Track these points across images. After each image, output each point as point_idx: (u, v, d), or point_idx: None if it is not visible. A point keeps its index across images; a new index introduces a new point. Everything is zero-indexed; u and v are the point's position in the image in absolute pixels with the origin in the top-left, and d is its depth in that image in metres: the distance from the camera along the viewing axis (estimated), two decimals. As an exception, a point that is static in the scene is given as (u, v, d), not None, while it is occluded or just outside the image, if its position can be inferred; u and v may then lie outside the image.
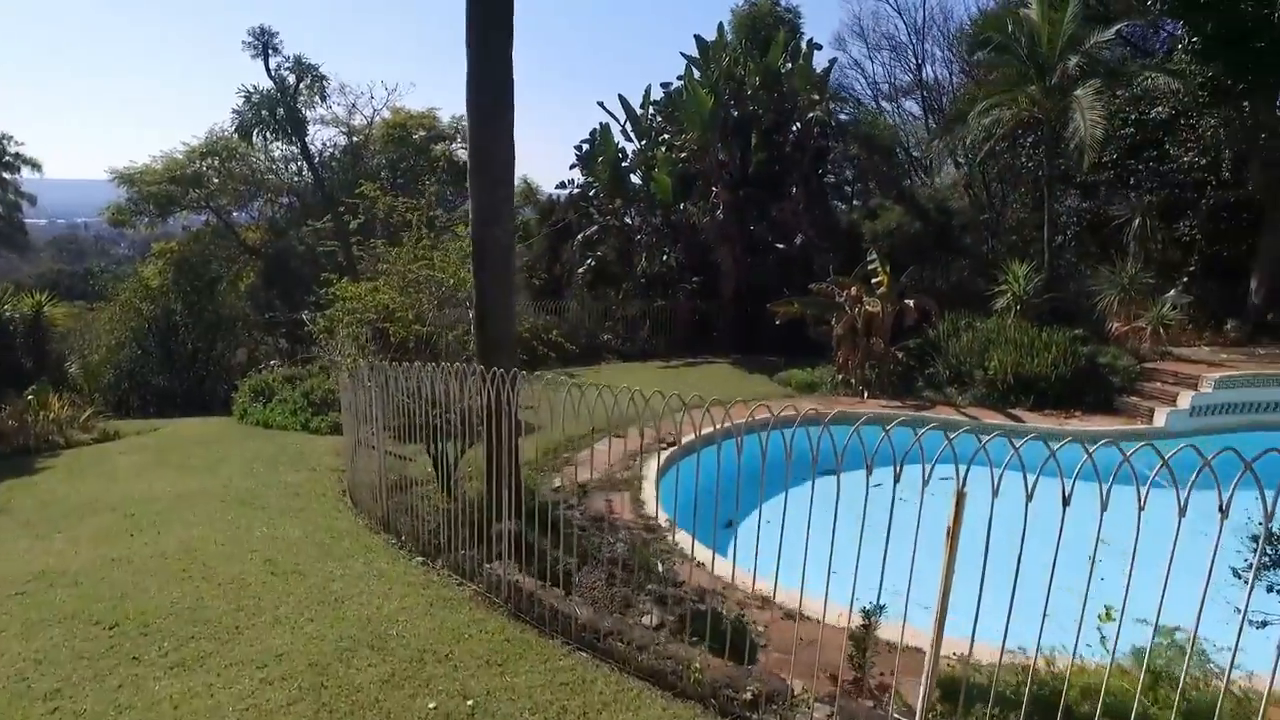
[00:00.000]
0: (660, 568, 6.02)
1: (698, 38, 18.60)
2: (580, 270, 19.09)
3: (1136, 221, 15.66)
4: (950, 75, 23.63)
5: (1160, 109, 16.92)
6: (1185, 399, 11.13)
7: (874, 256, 13.72)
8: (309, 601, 5.35)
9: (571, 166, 20.86)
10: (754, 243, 18.87)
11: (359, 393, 7.20)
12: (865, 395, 12.74)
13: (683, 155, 18.01)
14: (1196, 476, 3.07)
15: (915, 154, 21.65)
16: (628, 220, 19.91)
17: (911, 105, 24.20)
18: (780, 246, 18.58)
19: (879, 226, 16.50)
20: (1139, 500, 3.22)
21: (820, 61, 19.26)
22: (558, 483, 7.94)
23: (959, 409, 11.84)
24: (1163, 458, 3.08)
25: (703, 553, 6.28)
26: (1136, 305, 14.25)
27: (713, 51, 18.31)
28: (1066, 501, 3.26)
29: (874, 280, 13.50)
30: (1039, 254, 16.12)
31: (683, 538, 6.74)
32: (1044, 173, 16.44)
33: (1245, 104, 15.00)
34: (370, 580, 5.70)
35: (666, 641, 4.65)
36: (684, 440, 9.42)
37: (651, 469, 8.58)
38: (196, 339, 18.33)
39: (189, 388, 17.66)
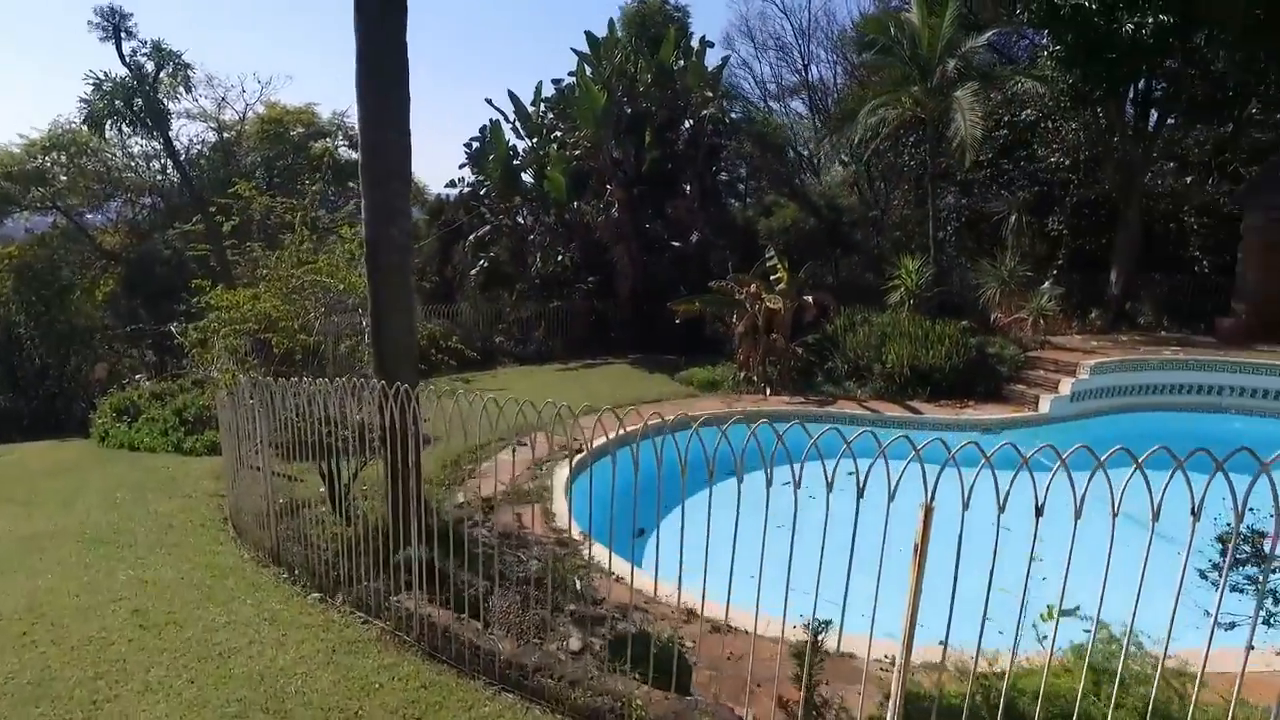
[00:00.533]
0: (578, 585, 5.72)
1: (588, 34, 18.33)
2: (473, 272, 18.47)
3: (1013, 217, 16.48)
4: (835, 76, 24.37)
5: (1029, 112, 17.91)
6: (1066, 385, 11.72)
7: (772, 253, 13.83)
8: (188, 659, 4.64)
9: (461, 165, 20.19)
10: (650, 241, 18.77)
11: (239, 410, 6.53)
12: (768, 392, 12.81)
13: (576, 153, 17.69)
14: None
15: (804, 152, 22.15)
16: (521, 220, 19.42)
17: (798, 105, 24.81)
18: (676, 244, 18.55)
19: (774, 223, 16.73)
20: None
21: (713, 59, 19.41)
22: (461, 498, 7.50)
23: (860, 403, 12.06)
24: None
25: (621, 565, 6.02)
26: (1017, 297, 14.98)
27: (604, 48, 18.07)
28: (1040, 511, 3.14)
29: (773, 277, 13.61)
30: (923, 249, 16.75)
31: (599, 551, 6.46)
32: (927, 170, 17.08)
33: (1099, 110, 16.04)
34: (261, 626, 5.03)
35: (602, 675, 4.32)
36: (592, 445, 9.13)
37: (560, 478, 8.25)
38: (45, 354, 16.62)
39: (37, 408, 16.00)
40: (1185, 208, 17.89)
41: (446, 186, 20.85)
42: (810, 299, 13.09)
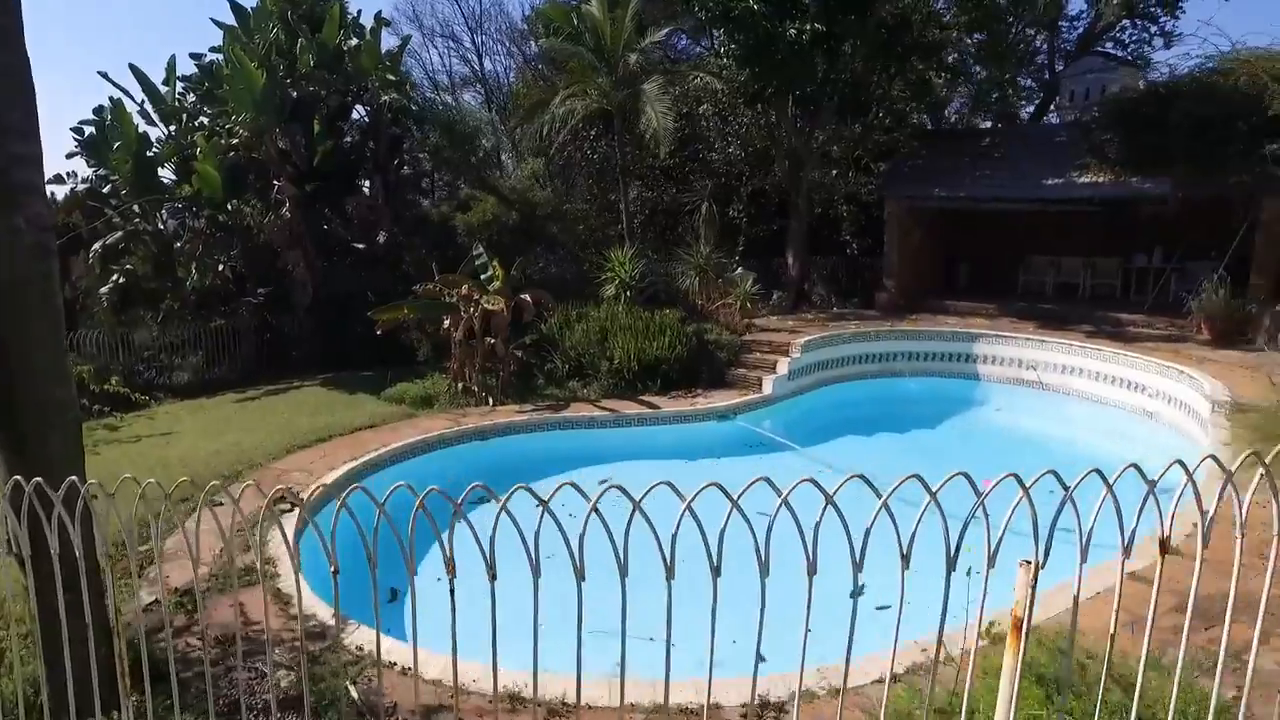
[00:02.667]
0: (355, 694, 4.25)
1: (234, 4, 15.50)
2: (103, 290, 14.70)
3: (704, 207, 17.10)
4: (508, 70, 23.72)
5: (706, 106, 18.78)
6: (783, 365, 12.23)
7: (481, 250, 12.71)
8: None
9: (70, 155, 16.08)
10: (330, 244, 16.55)
11: None
12: (492, 402, 11.69)
13: (233, 142, 14.87)
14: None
15: (487, 145, 21.14)
16: (163, 224, 15.97)
17: (470, 98, 23.72)
18: (360, 247, 16.57)
19: (474, 219, 15.56)
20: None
21: (392, 41, 17.55)
22: (150, 597, 5.46)
23: (594, 403, 11.47)
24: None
25: (399, 649, 4.65)
26: (722, 285, 15.52)
27: (254, 21, 15.42)
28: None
29: (484, 276, 12.50)
30: (619, 240, 16.78)
31: (363, 635, 4.99)
32: (618, 162, 17.09)
33: (769, 107, 17.26)
34: None
35: None
36: (311, 491, 7.39)
37: (282, 541, 6.44)
38: None
39: None
40: (835, 198, 20.08)
41: (51, 182, 16.46)
42: (528, 297, 12.20)
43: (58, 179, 16.39)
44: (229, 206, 15.31)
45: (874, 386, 13.34)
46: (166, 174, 15.91)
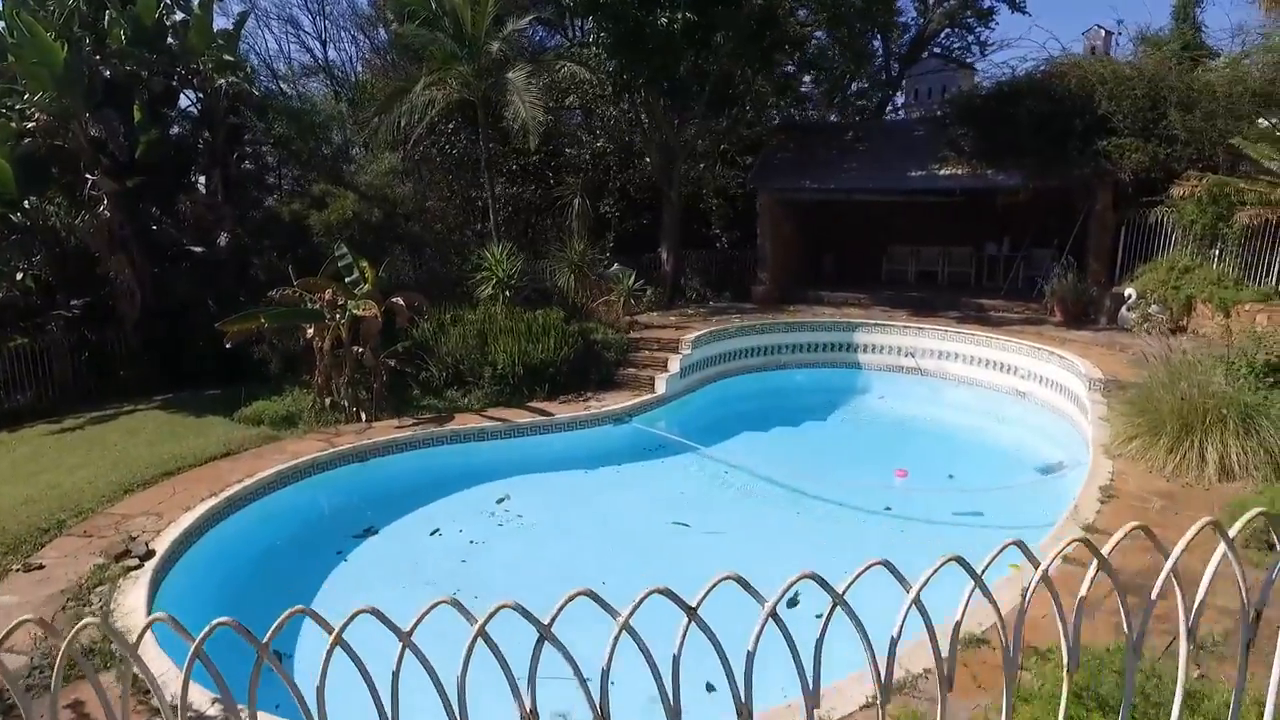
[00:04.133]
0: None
1: (19, -37, 13.25)
2: None
3: (576, 202, 16.52)
4: (355, 58, 22.06)
5: (574, 98, 18.17)
6: (674, 363, 11.88)
7: (344, 250, 11.51)
8: None
9: None
10: (161, 247, 14.63)
11: None
12: (365, 418, 10.60)
13: (27, 127, 12.73)
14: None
15: (337, 139, 19.52)
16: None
17: (316, 87, 21.86)
18: (198, 250, 14.75)
19: (332, 217, 14.18)
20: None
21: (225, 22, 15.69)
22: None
23: (480, 413, 10.63)
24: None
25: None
26: (598, 282, 15.00)
27: (50, -14, 13.25)
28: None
29: (350, 279, 11.34)
30: (479, 239, 15.94)
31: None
32: (484, 156, 16.19)
33: (639, 97, 16.87)
34: None
35: None
36: (164, 540, 6.27)
37: (137, 604, 5.32)
38: None
39: None
40: (704, 191, 20.05)
41: None
42: (400, 301, 11.17)
43: None
44: (25, 204, 13.15)
45: (763, 379, 13.29)
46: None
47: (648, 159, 18.04)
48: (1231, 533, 1.78)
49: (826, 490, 8.77)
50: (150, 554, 6.02)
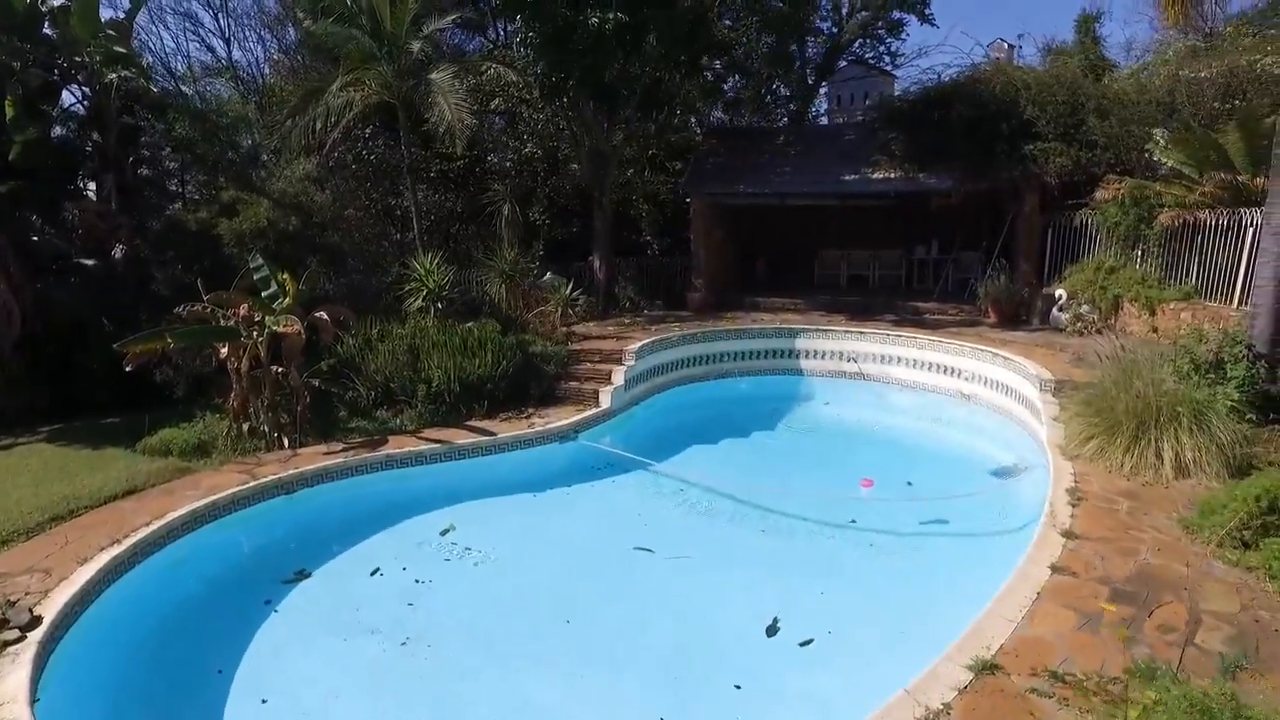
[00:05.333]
0: None
1: None
2: None
3: (506, 208, 15.87)
4: (264, 58, 20.76)
5: (500, 101, 17.51)
6: (618, 375, 11.40)
7: (261, 262, 10.57)
8: None
9: None
10: (43, 260, 13.27)
11: None
12: (289, 445, 9.72)
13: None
14: None
15: (246, 142, 18.28)
16: None
17: (221, 88, 20.45)
18: (89, 263, 13.45)
19: (244, 226, 13.11)
20: None
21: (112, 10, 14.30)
22: None
23: (416, 435, 9.90)
24: None
25: None
26: (531, 292, 14.42)
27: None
28: None
29: (267, 292, 10.43)
30: (399, 249, 15.14)
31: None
32: (406, 161, 15.39)
33: (568, 100, 16.36)
34: None
35: None
36: (53, 603, 5.43)
37: (16, 690, 4.49)
38: None
39: None
40: (634, 197, 19.69)
41: None
42: (324, 315, 10.33)
43: None
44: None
45: (708, 389, 12.96)
46: None
47: (576, 165, 17.55)
48: None
49: (788, 505, 8.45)
50: (35, 622, 5.16)
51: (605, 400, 11.00)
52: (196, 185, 15.90)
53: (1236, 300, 10.56)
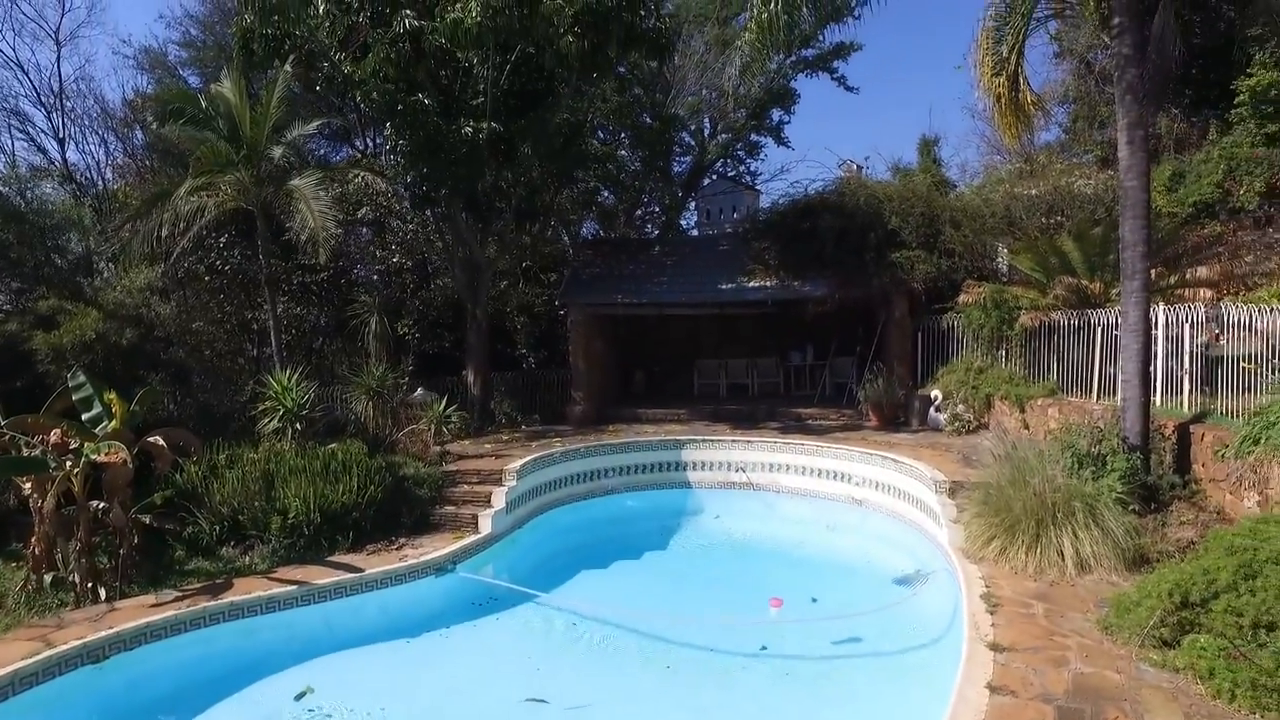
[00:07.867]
0: None
1: None
2: None
3: (373, 321, 14.95)
4: (105, 162, 19.28)
5: (365, 210, 16.83)
6: (499, 497, 10.49)
7: (82, 379, 9.18)
8: None
9: None
10: None
11: None
12: (105, 596, 8.17)
13: None
14: None
15: (78, 248, 16.53)
16: None
17: (52, 189, 18.67)
18: None
19: (65, 339, 11.51)
20: None
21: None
22: None
23: (269, 575, 8.57)
24: None
25: None
26: (401, 409, 13.44)
27: None
28: None
29: (88, 415, 9.02)
30: (255, 365, 13.90)
31: None
32: (264, 272, 14.32)
33: (440, 210, 15.90)
34: None
35: None
36: None
37: None
38: None
39: None
40: (508, 309, 19.21)
41: None
42: (160, 440, 8.98)
43: None
44: None
45: (593, 507, 12.18)
46: None
47: (448, 277, 16.95)
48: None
49: (692, 634, 7.75)
50: None
51: (485, 525, 10.03)
52: (10, 294, 14.04)
53: (1095, 394, 11.05)
